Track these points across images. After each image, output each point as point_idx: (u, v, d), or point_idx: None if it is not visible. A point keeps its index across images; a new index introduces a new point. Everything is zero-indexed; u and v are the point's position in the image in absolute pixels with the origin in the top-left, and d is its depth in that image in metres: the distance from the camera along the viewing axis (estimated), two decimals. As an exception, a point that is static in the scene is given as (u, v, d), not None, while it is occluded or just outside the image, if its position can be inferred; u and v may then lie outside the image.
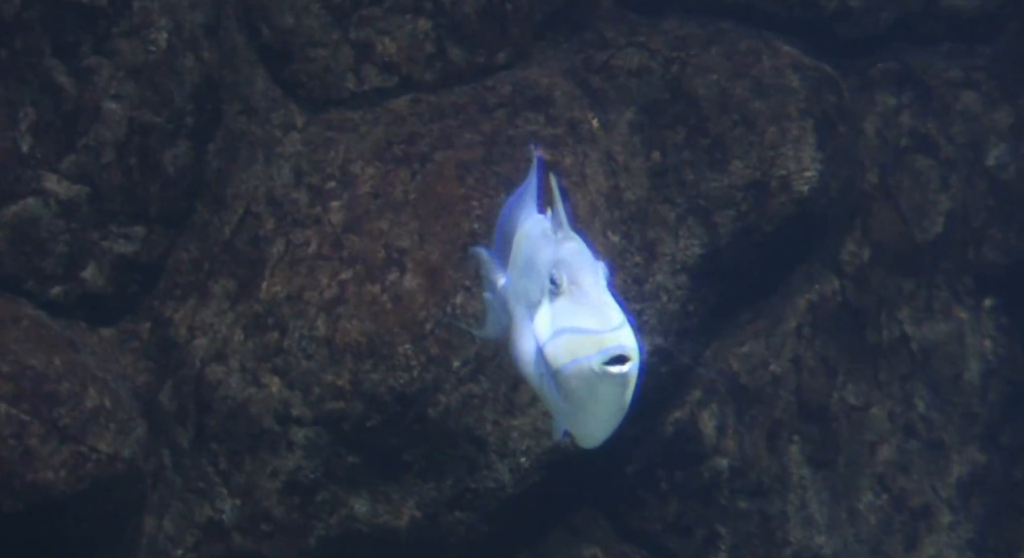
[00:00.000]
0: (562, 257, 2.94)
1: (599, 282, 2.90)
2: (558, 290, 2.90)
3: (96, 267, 4.82)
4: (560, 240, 2.99)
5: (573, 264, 2.92)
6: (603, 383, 2.81)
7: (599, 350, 2.81)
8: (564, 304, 2.90)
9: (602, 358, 2.80)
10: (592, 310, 2.85)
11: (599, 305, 2.86)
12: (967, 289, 5.26)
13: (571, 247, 2.96)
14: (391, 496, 4.59)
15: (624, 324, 2.85)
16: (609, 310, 2.86)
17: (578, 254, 2.94)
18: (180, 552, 4.68)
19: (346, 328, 4.58)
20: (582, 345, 2.84)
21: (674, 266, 4.93)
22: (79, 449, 4.48)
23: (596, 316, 2.85)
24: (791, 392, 5.01)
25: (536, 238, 3.09)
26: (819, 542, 4.95)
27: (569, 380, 2.85)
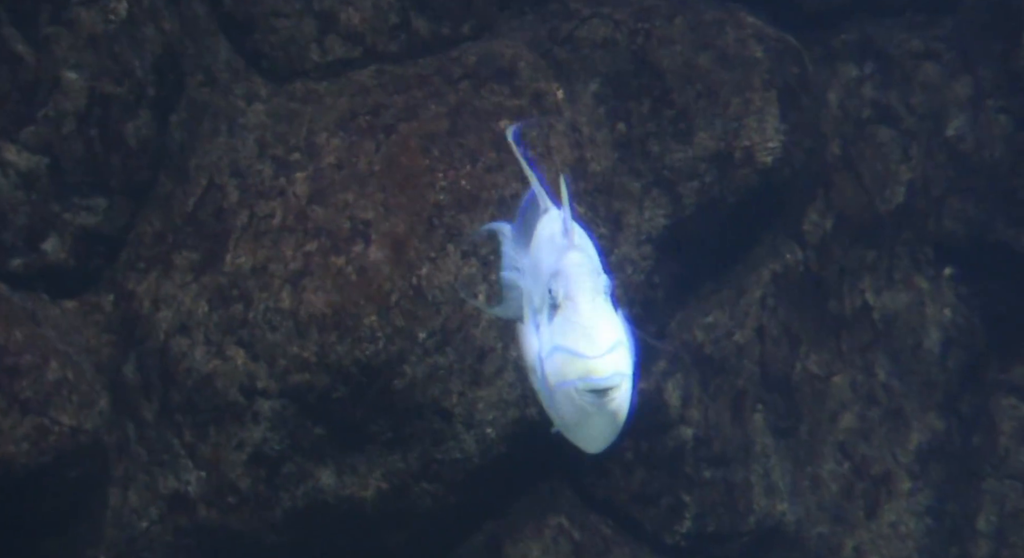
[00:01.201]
0: (562, 269, 2.84)
1: (596, 299, 2.80)
2: (555, 303, 2.82)
3: (57, 239, 4.79)
4: (564, 248, 2.89)
5: (571, 278, 2.82)
6: (589, 411, 2.76)
7: (586, 377, 2.75)
8: (559, 320, 2.81)
9: (588, 386, 2.75)
10: (583, 331, 2.77)
11: (591, 326, 2.77)
12: (927, 259, 5.31)
13: (573, 259, 2.85)
14: (357, 468, 4.60)
15: (615, 348, 2.76)
16: (601, 332, 2.77)
17: (578, 267, 2.83)
18: (145, 524, 4.68)
19: (311, 300, 4.57)
20: (571, 368, 2.77)
21: (639, 237, 4.95)
22: (41, 422, 4.46)
23: (586, 338, 2.76)
24: (755, 362, 5.05)
25: (543, 241, 3.00)
26: (782, 509, 5.00)
27: (560, 401, 2.80)
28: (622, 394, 2.77)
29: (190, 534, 4.65)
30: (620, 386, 2.76)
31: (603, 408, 2.75)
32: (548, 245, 2.98)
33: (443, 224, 4.65)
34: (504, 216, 4.75)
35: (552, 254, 2.92)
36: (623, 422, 2.81)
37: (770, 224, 5.16)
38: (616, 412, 2.77)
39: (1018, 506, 5.26)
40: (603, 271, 2.89)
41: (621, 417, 2.81)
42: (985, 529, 5.25)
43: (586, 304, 2.80)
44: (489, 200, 4.72)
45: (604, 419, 2.78)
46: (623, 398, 2.77)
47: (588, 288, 2.82)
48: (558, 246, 2.92)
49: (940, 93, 5.35)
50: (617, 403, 2.76)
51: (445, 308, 4.59)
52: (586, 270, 2.84)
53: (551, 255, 2.92)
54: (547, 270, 2.90)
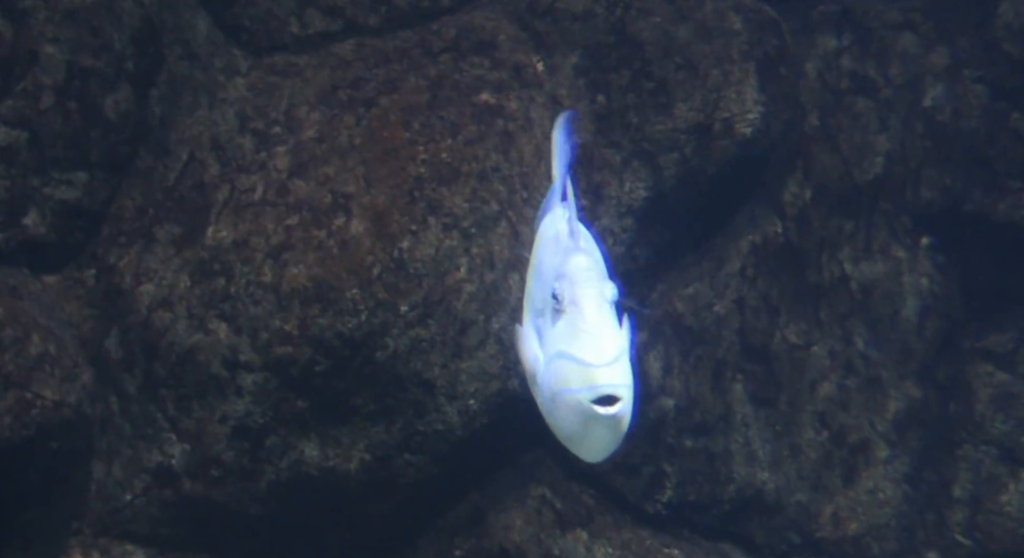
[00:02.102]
0: (567, 272, 2.78)
1: (602, 304, 2.74)
2: (559, 307, 2.76)
3: (38, 214, 4.78)
4: (569, 251, 2.82)
5: (577, 281, 2.75)
6: (591, 420, 2.73)
7: (588, 386, 2.71)
8: (563, 325, 2.75)
9: (590, 395, 2.72)
10: (588, 338, 2.72)
11: (596, 333, 2.72)
12: (905, 228, 5.34)
13: (578, 262, 2.79)
14: (341, 440, 4.62)
15: (619, 357, 2.73)
16: (605, 340, 2.73)
17: (584, 270, 2.77)
18: (130, 497, 4.69)
19: (293, 274, 4.58)
20: (573, 376, 2.73)
21: (619, 209, 4.97)
22: (24, 395, 4.47)
23: (591, 345, 2.72)
24: (734, 332, 5.08)
25: (547, 240, 2.94)
26: (762, 478, 5.04)
27: (560, 408, 2.76)
28: (625, 405, 2.74)
29: (174, 507, 4.67)
30: (624, 397, 2.73)
31: (606, 418, 2.72)
32: (552, 245, 2.92)
33: (424, 197, 4.66)
34: (486, 191, 4.78)
35: (556, 255, 2.86)
36: (625, 432, 2.78)
37: (749, 195, 5.19)
38: (619, 422, 2.74)
39: (993, 472, 5.32)
40: (608, 276, 2.83)
41: (623, 427, 2.77)
42: (961, 495, 5.32)
43: (592, 311, 2.74)
44: (470, 173, 4.72)
45: (606, 429, 2.75)
46: (626, 409, 2.75)
47: (594, 294, 2.76)
48: (563, 247, 2.85)
49: (917, 63, 5.37)
50: (620, 413, 2.73)
51: (427, 281, 4.61)
52: (593, 275, 2.78)
53: (555, 256, 2.86)
54: (550, 271, 2.84)
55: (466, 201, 4.68)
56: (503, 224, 4.74)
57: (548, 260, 2.88)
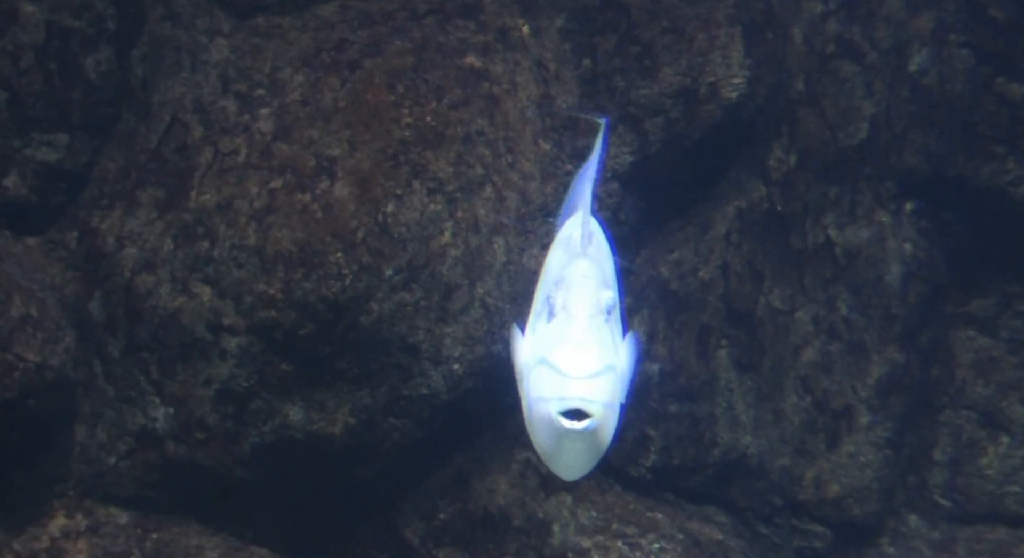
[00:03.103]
0: (567, 277, 2.68)
1: (595, 317, 2.61)
2: (553, 311, 2.65)
3: (18, 175, 4.76)
4: (574, 255, 2.72)
5: (573, 287, 2.64)
6: (560, 433, 2.61)
7: (559, 397, 2.59)
8: (552, 330, 2.64)
9: (559, 406, 2.60)
10: (570, 347, 2.60)
11: (579, 342, 2.59)
12: (889, 193, 5.35)
13: (579, 268, 2.68)
14: (325, 404, 4.62)
15: (601, 373, 2.59)
16: (588, 351, 2.60)
17: (584, 279, 2.66)
18: (113, 460, 4.69)
19: (277, 237, 4.56)
20: (548, 385, 2.61)
21: (605, 174, 4.96)
22: (5, 358, 4.46)
23: (570, 356, 2.60)
24: (719, 297, 5.09)
25: (560, 242, 2.85)
26: (745, 442, 5.07)
27: (535, 417, 2.65)
28: (597, 424, 2.59)
29: (159, 469, 4.67)
30: (595, 414, 2.58)
31: (571, 433, 2.58)
32: (563, 247, 2.83)
33: (409, 161, 4.64)
34: (471, 155, 4.76)
35: (563, 258, 2.78)
36: (598, 453, 2.65)
37: (735, 160, 5.18)
38: (587, 440, 2.60)
39: (973, 436, 5.36)
40: (611, 286, 2.70)
41: (595, 448, 2.63)
42: (941, 459, 5.36)
43: (581, 320, 2.62)
44: (455, 136, 4.70)
45: (574, 445, 2.61)
46: (598, 428, 2.59)
47: (588, 303, 2.64)
48: (571, 251, 2.77)
49: (903, 28, 5.36)
50: (587, 431, 2.58)
51: (411, 245, 4.59)
52: (591, 283, 2.66)
53: (562, 258, 2.78)
54: (553, 274, 2.75)
55: (451, 165, 4.67)
56: (488, 188, 4.73)
57: (555, 263, 2.81)
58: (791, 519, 5.12)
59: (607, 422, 2.64)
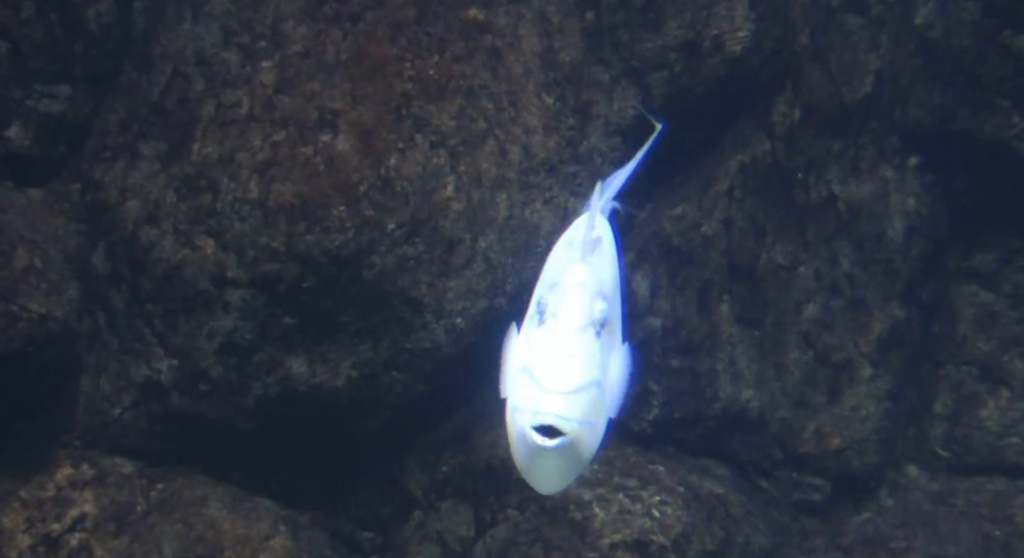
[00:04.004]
0: (561, 281, 2.55)
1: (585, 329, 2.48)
2: (543, 317, 2.53)
3: (21, 126, 4.76)
4: (572, 260, 2.58)
5: (565, 295, 2.51)
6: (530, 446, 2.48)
7: (534, 411, 2.47)
8: (540, 336, 2.52)
9: (532, 420, 2.48)
10: (551, 358, 2.47)
11: (564, 356, 2.46)
12: (893, 148, 5.33)
13: (576, 274, 2.54)
14: (328, 356, 4.63)
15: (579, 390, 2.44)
16: (569, 367, 2.47)
17: (577, 286, 2.52)
18: (118, 411, 4.72)
19: (279, 190, 4.55)
20: (526, 395, 2.50)
21: (608, 128, 4.94)
22: (10, 308, 4.46)
23: (552, 369, 2.47)
24: (721, 253, 5.08)
25: (563, 243, 2.71)
26: (747, 396, 5.09)
27: (513, 425, 2.54)
28: (569, 442, 2.45)
29: (163, 421, 4.70)
30: (568, 433, 2.44)
31: (541, 449, 2.46)
32: (565, 250, 2.70)
33: (411, 114, 4.62)
34: (473, 108, 4.74)
35: (564, 260, 2.64)
36: (573, 470, 2.52)
37: (738, 115, 5.16)
38: (562, 459, 2.48)
39: (974, 390, 5.37)
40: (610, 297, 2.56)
41: (570, 465, 2.51)
42: (941, 411, 5.37)
43: (568, 330, 2.49)
44: (457, 89, 4.68)
45: (546, 462, 2.49)
46: (572, 446, 2.46)
47: (579, 313, 2.51)
48: (572, 254, 2.64)
49: (909, -21, 5.32)
50: (557, 448, 2.45)
51: (414, 199, 4.59)
52: (585, 292, 2.53)
53: (563, 260, 2.65)
54: (551, 275, 2.63)
55: (453, 119, 4.65)
56: (490, 142, 4.71)
57: (556, 263, 2.68)
58: (791, 472, 5.15)
59: (582, 441, 2.49)
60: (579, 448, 2.50)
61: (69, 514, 4.56)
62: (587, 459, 2.54)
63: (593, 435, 2.52)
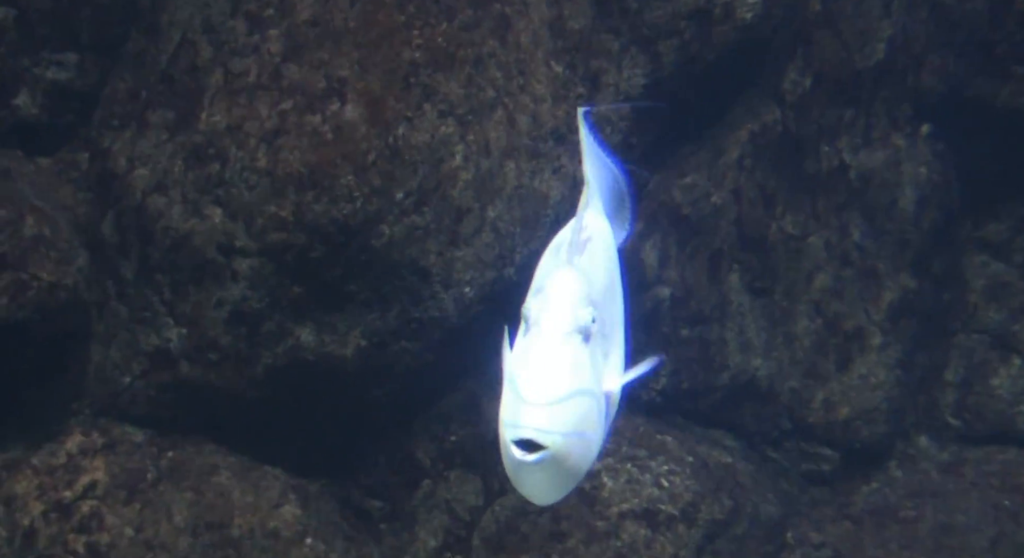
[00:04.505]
0: (544, 287, 2.40)
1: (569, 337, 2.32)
2: (527, 324, 2.39)
3: (29, 94, 4.75)
4: (559, 264, 2.43)
5: (547, 300, 2.36)
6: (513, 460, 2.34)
7: (512, 423, 2.32)
8: (522, 346, 2.38)
9: (511, 434, 2.33)
10: (532, 369, 2.32)
11: (542, 364, 2.31)
12: (905, 116, 5.29)
13: (561, 280, 2.38)
14: (337, 326, 4.63)
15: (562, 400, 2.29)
16: (551, 376, 2.31)
17: (558, 292, 2.37)
18: (128, 380, 4.73)
19: (287, 159, 4.54)
20: (508, 408, 2.35)
21: (617, 97, 4.91)
22: (19, 276, 4.47)
23: (530, 378, 2.32)
24: (731, 222, 5.06)
25: (553, 246, 2.57)
26: (755, 365, 5.08)
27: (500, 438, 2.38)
28: (550, 457, 2.31)
29: (173, 390, 4.71)
30: (550, 447, 2.30)
31: (521, 464, 2.32)
32: (552, 254, 2.55)
33: (419, 83, 4.60)
34: (482, 77, 4.71)
35: (550, 265, 2.51)
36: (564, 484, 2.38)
37: (749, 83, 5.12)
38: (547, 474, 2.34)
39: (985, 358, 5.35)
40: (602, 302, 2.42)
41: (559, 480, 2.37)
42: (952, 379, 5.36)
43: (550, 338, 2.34)
44: (466, 58, 4.66)
45: (531, 477, 2.35)
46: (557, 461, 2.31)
47: (562, 320, 2.35)
48: (559, 258, 2.49)
49: (923, -56, 5.27)
50: (545, 465, 2.31)
51: (422, 168, 4.57)
52: (569, 298, 2.37)
53: (549, 266, 2.51)
54: (537, 283, 2.49)
55: (462, 87, 4.63)
56: (499, 111, 4.69)
57: (542, 270, 2.54)
58: (800, 442, 5.15)
59: (569, 454, 2.33)
60: (566, 462, 2.34)
61: (80, 481, 4.58)
62: (579, 472, 2.39)
63: (584, 447, 2.36)
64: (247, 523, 4.57)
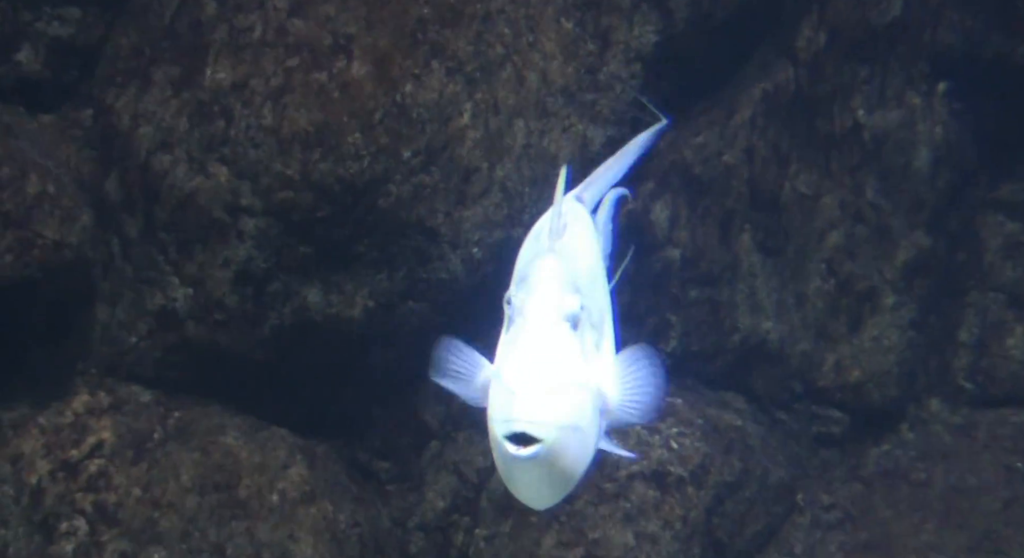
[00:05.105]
0: (529, 274, 2.27)
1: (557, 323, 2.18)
2: (512, 315, 2.27)
3: (31, 49, 4.71)
4: (540, 252, 2.31)
5: (533, 287, 2.22)
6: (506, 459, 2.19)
7: (503, 417, 2.19)
8: (508, 338, 2.27)
9: (503, 429, 2.20)
10: (520, 358, 2.18)
11: (531, 352, 2.17)
12: (921, 74, 5.22)
13: (542, 266, 2.26)
14: (344, 287, 4.61)
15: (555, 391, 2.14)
16: (540, 365, 2.16)
17: (547, 279, 2.23)
18: (134, 340, 4.71)
19: (293, 117, 4.50)
20: (497, 402, 2.22)
21: (628, 54, 4.86)
22: (24, 235, 4.45)
23: (520, 370, 2.18)
24: (743, 182, 5.01)
25: (532, 236, 2.48)
26: (766, 328, 5.04)
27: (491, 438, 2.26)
28: (546, 451, 2.15)
29: (179, 350, 4.69)
30: (545, 439, 2.15)
31: (516, 460, 2.16)
32: (532, 242, 2.46)
33: (427, 40, 4.55)
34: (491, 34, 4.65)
35: (531, 254, 2.40)
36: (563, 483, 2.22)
37: (762, 41, 5.06)
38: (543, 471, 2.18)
39: (1000, 317, 5.31)
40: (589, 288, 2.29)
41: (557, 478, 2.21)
42: (967, 340, 5.32)
43: (536, 325, 2.20)
44: (474, 15, 4.60)
45: (526, 475, 2.20)
46: (553, 456, 2.16)
47: (547, 308, 2.21)
48: (540, 245, 2.37)
49: None
50: (541, 461, 2.15)
51: (430, 126, 4.53)
52: (554, 285, 2.23)
53: (530, 255, 2.40)
54: (519, 272, 2.38)
55: (470, 44, 4.58)
56: (508, 69, 4.64)
57: (523, 259, 2.43)
58: (810, 405, 5.12)
59: (567, 448, 2.17)
60: (563, 457, 2.19)
61: (87, 441, 4.58)
62: (575, 470, 2.23)
63: (580, 441, 2.21)
64: (254, 484, 4.57)
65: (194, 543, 4.44)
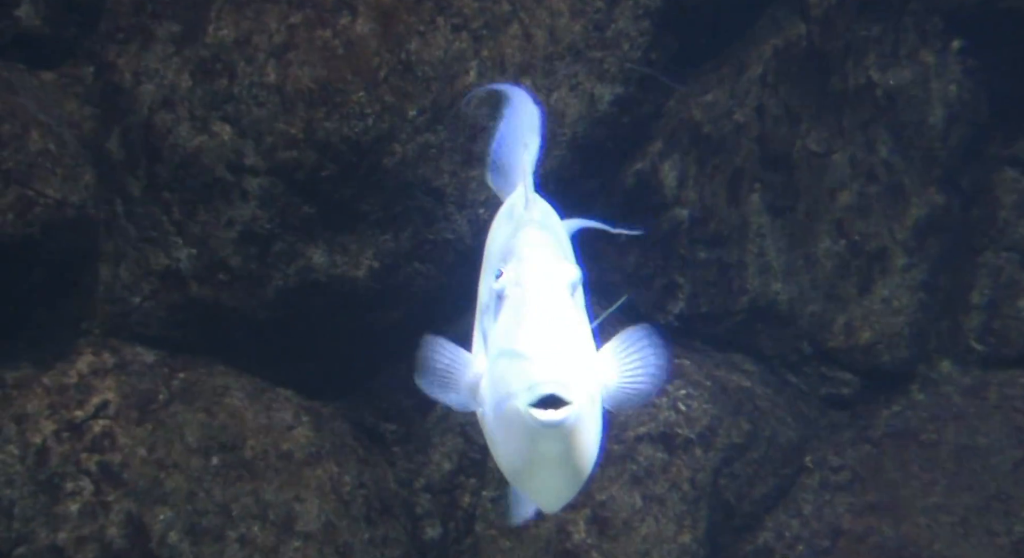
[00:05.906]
0: (515, 248, 2.16)
1: (556, 289, 2.06)
2: (503, 290, 2.14)
3: (31, 4, 4.66)
4: (521, 224, 2.21)
5: (525, 259, 2.10)
6: (533, 435, 2.02)
7: (526, 386, 2.02)
8: (506, 314, 2.11)
9: (528, 397, 2.04)
10: (530, 325, 2.03)
11: (540, 318, 2.03)
12: (936, 31, 5.15)
13: (529, 236, 2.14)
14: (348, 247, 4.57)
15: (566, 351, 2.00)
16: (553, 328, 2.04)
17: (536, 247, 2.12)
18: (138, 300, 4.69)
19: (297, 74, 4.45)
20: (511, 376, 2.04)
21: (636, 11, 4.79)
22: (25, 193, 4.41)
23: (531, 334, 2.03)
24: (753, 140, 4.96)
25: (501, 216, 2.36)
26: (775, 289, 5.00)
27: (501, 429, 2.09)
28: (578, 417, 2.03)
29: (183, 310, 4.67)
30: (574, 400, 2.02)
31: (547, 428, 2.01)
32: (505, 221, 2.33)
33: (432, -5, 4.50)
34: None
35: (508, 229, 2.28)
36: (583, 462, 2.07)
37: (773, -4, 5.00)
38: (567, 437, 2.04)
39: (1013, 277, 5.26)
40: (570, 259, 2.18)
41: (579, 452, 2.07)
42: (978, 301, 5.28)
43: (538, 291, 2.08)
44: (480, -30, 4.54)
45: (552, 447, 2.03)
46: (575, 418, 2.03)
47: (545, 273, 2.10)
48: (516, 221, 2.27)
49: None
50: (566, 422, 2.02)
51: (435, 84, 4.48)
52: (546, 252, 2.13)
53: (507, 231, 2.28)
54: (498, 250, 2.27)
55: (476, 0, 4.52)
56: (515, 25, 4.59)
57: (499, 238, 2.31)
58: (819, 367, 5.09)
59: (589, 421, 2.04)
60: (586, 431, 2.05)
61: (92, 401, 4.56)
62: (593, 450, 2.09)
63: (595, 417, 2.09)
64: (260, 444, 4.55)
65: (199, 504, 4.44)
